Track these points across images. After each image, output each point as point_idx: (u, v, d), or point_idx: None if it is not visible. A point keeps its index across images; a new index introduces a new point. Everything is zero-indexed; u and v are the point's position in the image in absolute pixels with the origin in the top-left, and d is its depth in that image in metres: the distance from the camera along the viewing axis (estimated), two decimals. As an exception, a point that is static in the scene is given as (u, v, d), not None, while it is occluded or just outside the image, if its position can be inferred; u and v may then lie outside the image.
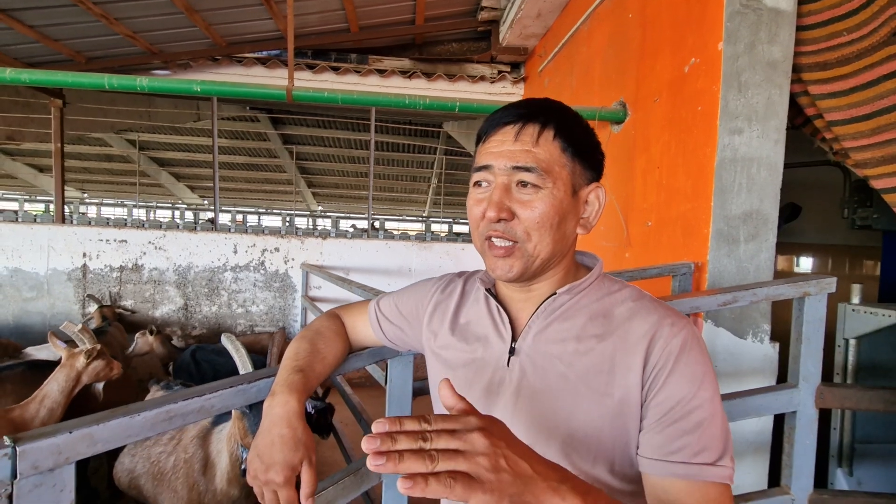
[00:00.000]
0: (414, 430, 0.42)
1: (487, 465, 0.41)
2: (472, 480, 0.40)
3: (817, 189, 3.51)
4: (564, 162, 0.64)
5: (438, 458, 0.40)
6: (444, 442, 0.42)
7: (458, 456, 0.41)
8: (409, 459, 0.40)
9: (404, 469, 0.40)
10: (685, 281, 1.92)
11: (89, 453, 0.66)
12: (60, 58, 4.10)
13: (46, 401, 2.02)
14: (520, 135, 0.64)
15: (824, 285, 1.28)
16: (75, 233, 4.22)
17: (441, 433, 0.42)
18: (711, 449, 0.58)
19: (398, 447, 0.41)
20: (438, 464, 0.40)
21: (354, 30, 4.19)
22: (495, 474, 0.41)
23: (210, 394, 0.79)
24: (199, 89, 2.30)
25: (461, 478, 0.40)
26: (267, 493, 0.67)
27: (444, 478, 0.39)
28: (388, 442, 0.41)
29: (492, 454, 0.42)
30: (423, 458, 0.40)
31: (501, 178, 0.64)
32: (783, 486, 1.35)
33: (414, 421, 0.43)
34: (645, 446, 0.60)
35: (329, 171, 9.81)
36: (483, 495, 0.40)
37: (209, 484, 1.60)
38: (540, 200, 0.63)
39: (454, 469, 0.40)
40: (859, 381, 1.89)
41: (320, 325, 0.90)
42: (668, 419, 0.59)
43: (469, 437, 0.42)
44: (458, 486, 0.39)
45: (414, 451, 0.40)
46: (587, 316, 0.67)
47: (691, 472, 0.57)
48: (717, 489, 0.57)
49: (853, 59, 1.72)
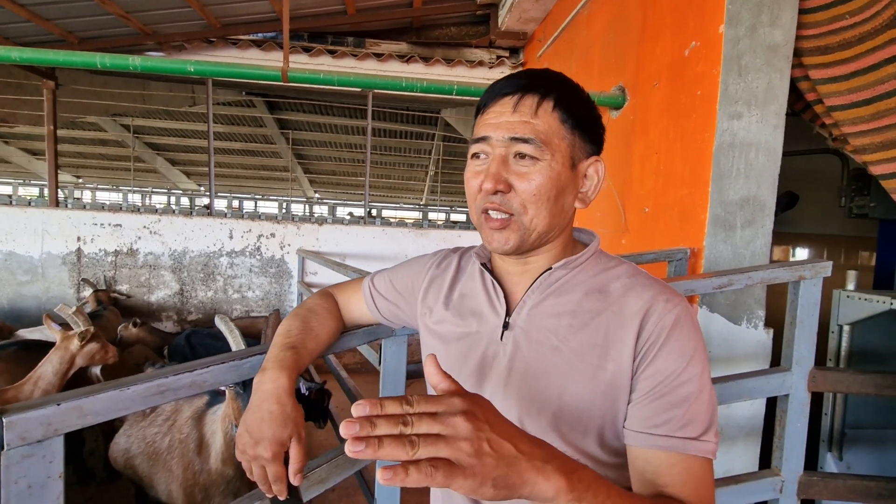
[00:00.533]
0: (395, 413, 0.41)
1: (470, 449, 0.40)
2: (454, 466, 0.39)
3: (814, 178, 3.51)
4: (564, 134, 0.64)
5: (419, 444, 0.39)
6: (426, 426, 0.40)
7: (439, 441, 0.39)
8: (389, 446, 0.38)
9: (383, 456, 0.38)
10: (681, 266, 1.92)
11: (79, 425, 0.66)
12: (52, 38, 4.03)
13: (41, 382, 2.02)
14: (518, 106, 0.63)
15: (819, 269, 1.28)
16: (69, 216, 4.19)
17: (423, 417, 0.41)
18: (696, 423, 0.58)
19: (377, 432, 0.39)
20: (419, 450, 0.39)
21: (351, 12, 4.13)
22: (478, 459, 0.40)
23: (202, 369, 0.78)
24: (193, 69, 2.26)
25: (443, 465, 0.39)
26: (255, 468, 0.67)
27: (425, 466, 0.38)
28: (367, 427, 0.39)
29: (475, 438, 0.40)
30: (403, 445, 0.39)
31: (499, 150, 0.64)
32: (774, 468, 1.36)
33: (395, 403, 0.41)
34: (631, 419, 0.60)
35: (325, 158, 9.74)
36: (465, 481, 0.39)
37: (204, 464, 1.61)
38: (537, 172, 0.62)
39: (436, 455, 0.39)
40: (852, 367, 1.90)
41: (313, 303, 0.89)
42: (655, 392, 0.59)
43: (452, 420, 0.41)
44: (440, 474, 0.38)
45: (394, 437, 0.39)
46: (583, 291, 0.66)
47: (674, 445, 0.57)
48: (699, 463, 0.57)
49: (855, 43, 1.71)
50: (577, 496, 0.44)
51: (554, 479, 0.43)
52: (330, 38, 4.46)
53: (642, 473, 0.58)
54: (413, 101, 5.65)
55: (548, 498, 0.43)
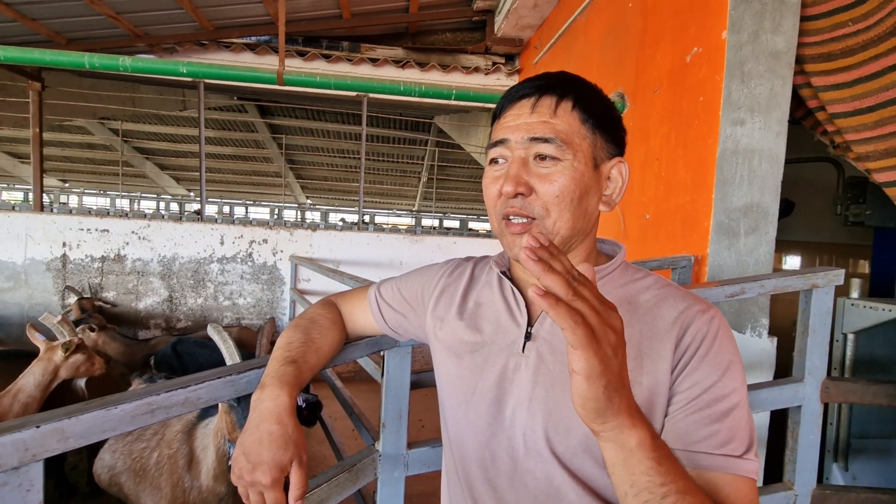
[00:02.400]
0: (567, 267, 0.41)
1: (613, 341, 0.41)
2: (594, 335, 0.39)
3: (807, 186, 3.53)
4: (585, 133, 0.61)
5: (580, 297, 0.40)
6: (590, 294, 0.41)
7: (594, 312, 0.40)
8: (557, 277, 0.39)
9: (547, 280, 0.39)
10: (685, 274, 1.89)
11: (60, 449, 0.60)
12: (39, 38, 3.93)
13: (21, 395, 1.93)
14: (536, 106, 0.61)
15: (832, 277, 1.26)
16: (54, 221, 4.08)
17: (589, 288, 0.41)
18: (738, 440, 0.54)
19: (553, 263, 0.40)
20: (577, 301, 0.39)
21: (347, 16, 4.09)
22: (613, 353, 0.41)
23: (196, 385, 0.73)
24: (186, 71, 2.20)
25: (588, 325, 0.39)
26: (253, 494, 0.61)
27: (574, 313, 0.38)
28: (547, 253, 0.41)
29: (620, 338, 0.42)
30: (567, 285, 0.39)
31: (518, 152, 0.61)
32: (786, 481, 1.33)
33: (567, 263, 0.42)
34: (668, 433, 0.56)
35: (318, 164, 9.67)
36: (594, 357, 0.39)
37: (194, 480, 1.54)
38: (559, 173, 0.59)
39: (586, 317, 0.39)
40: (857, 376, 1.88)
41: (315, 314, 0.84)
42: (693, 406, 0.55)
43: (611, 313, 0.42)
44: (582, 329, 0.39)
45: (563, 276, 0.40)
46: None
47: (720, 464, 0.53)
48: (746, 484, 0.53)
49: (858, 50, 1.70)
50: (658, 459, 0.43)
51: (640, 431, 0.43)
52: (325, 42, 4.42)
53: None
54: (406, 107, 5.62)
55: (628, 447, 0.43)
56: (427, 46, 4.56)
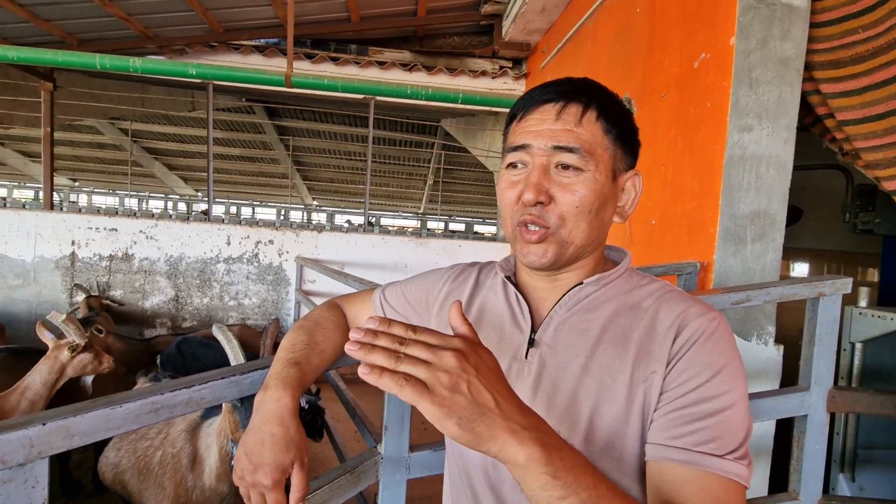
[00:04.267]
0: (397, 334, 0.44)
1: (446, 382, 0.41)
2: (425, 389, 0.40)
3: (815, 193, 3.50)
4: (607, 145, 0.61)
5: (404, 361, 0.41)
6: (418, 351, 0.42)
7: (422, 364, 0.41)
8: (378, 353, 0.42)
9: (369, 359, 0.41)
10: (690, 280, 1.88)
11: (66, 447, 0.61)
12: (52, 39, 3.99)
13: (28, 392, 1.95)
14: (562, 114, 0.60)
15: (839, 286, 1.25)
16: (64, 220, 4.12)
17: (419, 343, 0.43)
18: (722, 441, 0.51)
19: (376, 342, 0.42)
20: (402, 365, 0.41)
21: (355, 19, 4.12)
22: (450, 393, 0.41)
23: (200, 385, 0.73)
24: (195, 72, 2.22)
25: (413, 382, 0.40)
26: (254, 495, 0.62)
27: (399, 376, 0.40)
28: (370, 336, 0.43)
29: (455, 374, 0.42)
30: (389, 356, 0.41)
31: (540, 159, 0.61)
32: (791, 491, 1.31)
33: (401, 327, 0.44)
34: (651, 431, 0.55)
35: (324, 166, 9.71)
36: (430, 406, 0.40)
37: (197, 480, 1.54)
38: (581, 184, 0.59)
39: (414, 374, 0.41)
40: (864, 386, 1.86)
41: (319, 316, 0.84)
42: (677, 403, 0.54)
43: (441, 353, 0.42)
44: (409, 388, 0.40)
45: (385, 349, 0.42)
46: (614, 308, 0.62)
47: (691, 459, 0.51)
48: (721, 484, 0.50)
49: (867, 58, 1.69)
50: (553, 472, 0.42)
51: (528, 447, 0.42)
52: (333, 45, 4.45)
53: (657, 492, 0.53)
54: (413, 110, 5.64)
55: (518, 463, 0.42)
56: (434, 50, 4.57)
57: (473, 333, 0.47)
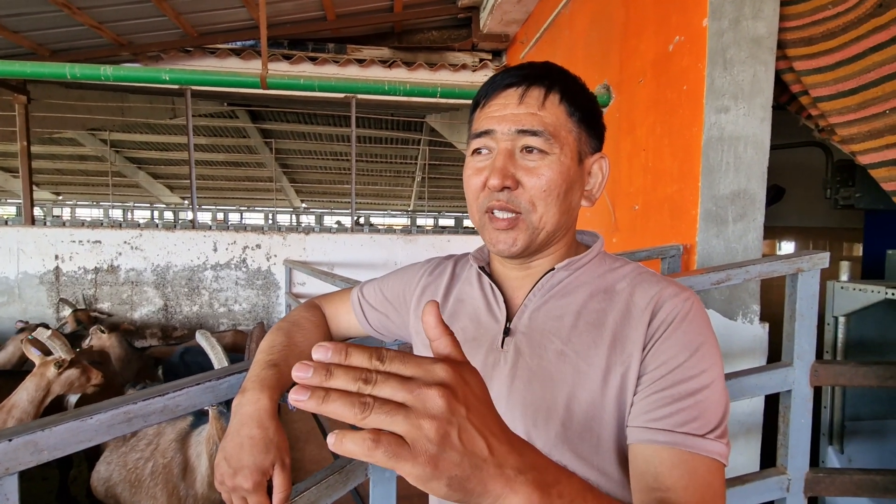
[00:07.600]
0: (359, 366, 0.32)
1: (432, 434, 0.31)
2: (404, 447, 0.31)
3: (798, 171, 3.53)
4: (571, 127, 0.61)
5: (373, 409, 0.31)
6: (390, 390, 0.32)
7: (398, 412, 0.31)
8: (336, 402, 0.30)
9: (326, 412, 0.30)
10: (674, 263, 1.89)
11: (35, 462, 0.60)
12: (22, 51, 3.92)
13: (14, 411, 1.92)
14: (524, 97, 0.60)
15: (817, 261, 1.26)
16: (46, 234, 4.06)
17: (390, 378, 0.32)
18: (702, 420, 0.52)
19: (330, 384, 0.31)
20: (370, 416, 0.31)
21: (331, 18, 4.08)
22: (438, 448, 0.31)
23: (174, 392, 0.72)
24: (168, 78, 2.19)
25: (389, 440, 0.30)
26: (235, 499, 0.61)
27: (367, 437, 0.30)
28: (321, 374, 0.31)
29: (443, 421, 0.32)
30: (353, 405, 0.30)
31: (504, 144, 0.60)
32: (779, 465, 1.33)
33: (364, 355, 0.33)
34: (632, 415, 0.55)
35: (311, 167, 9.65)
36: (413, 468, 0.31)
37: (189, 488, 1.53)
38: (547, 167, 0.59)
39: (389, 428, 0.31)
40: (849, 358, 1.89)
41: (298, 316, 0.83)
42: (657, 385, 0.54)
43: (423, 392, 0.32)
44: (381, 450, 0.30)
45: (346, 394, 0.31)
46: (587, 293, 0.62)
47: (676, 441, 0.51)
48: (705, 465, 0.51)
49: (839, 33, 1.70)
50: None
51: (523, 493, 0.34)
52: (311, 44, 4.41)
53: (643, 475, 0.52)
54: (398, 106, 5.61)
55: None
56: (413, 45, 4.55)
57: (457, 348, 0.37)
